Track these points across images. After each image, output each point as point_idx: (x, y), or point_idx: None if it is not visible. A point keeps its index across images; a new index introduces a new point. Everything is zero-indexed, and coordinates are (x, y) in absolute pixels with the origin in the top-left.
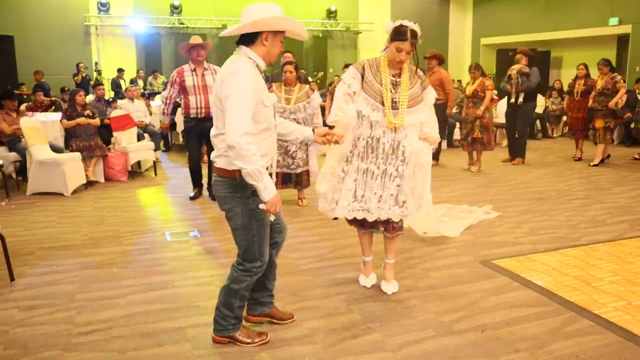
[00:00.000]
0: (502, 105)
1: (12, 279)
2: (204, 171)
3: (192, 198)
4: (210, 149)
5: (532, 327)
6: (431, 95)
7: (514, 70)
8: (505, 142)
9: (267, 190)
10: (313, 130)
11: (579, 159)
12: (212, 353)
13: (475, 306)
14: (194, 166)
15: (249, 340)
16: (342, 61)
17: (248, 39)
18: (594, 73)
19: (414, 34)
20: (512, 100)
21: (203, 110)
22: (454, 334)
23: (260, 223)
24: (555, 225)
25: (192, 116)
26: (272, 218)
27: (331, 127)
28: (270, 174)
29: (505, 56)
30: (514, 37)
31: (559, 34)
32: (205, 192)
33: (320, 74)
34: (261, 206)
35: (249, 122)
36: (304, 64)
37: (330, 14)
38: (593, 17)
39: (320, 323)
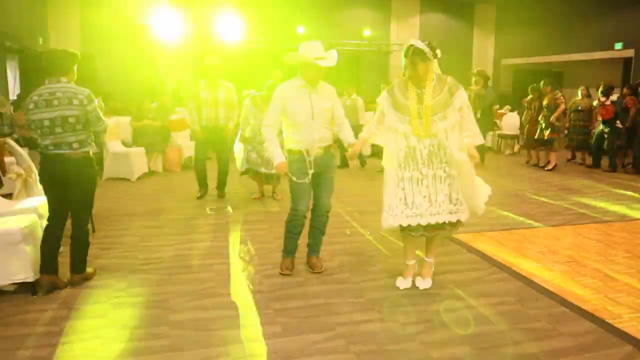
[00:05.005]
0: (507, 118)
1: (93, 230)
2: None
3: (198, 198)
4: (220, 155)
5: (462, 275)
6: (459, 98)
7: (471, 91)
8: (508, 151)
9: (274, 159)
10: (349, 144)
11: (535, 165)
12: (226, 278)
13: None
14: (200, 168)
15: (281, 267)
16: (374, 79)
17: (297, 65)
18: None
19: (415, 51)
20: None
21: (212, 121)
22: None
23: (292, 182)
24: (517, 213)
25: (203, 125)
26: (293, 179)
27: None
28: (303, 152)
29: (522, 77)
30: (531, 59)
31: (571, 56)
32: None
33: (355, 87)
34: (273, 170)
35: (270, 118)
36: (339, 81)
37: (364, 37)
38: (601, 42)
39: (306, 267)
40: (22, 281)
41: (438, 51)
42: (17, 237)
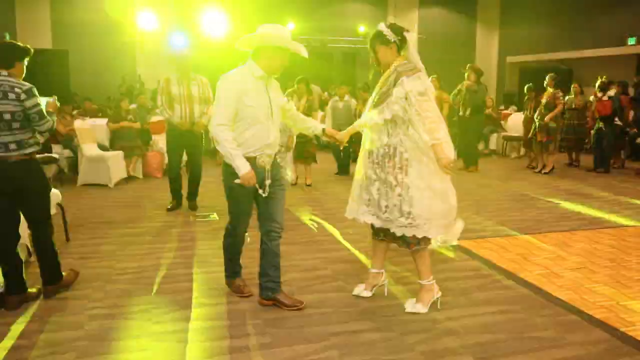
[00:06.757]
0: (512, 119)
1: (67, 239)
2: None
3: (169, 210)
4: (192, 159)
5: (464, 283)
6: (400, 86)
7: (463, 86)
8: (514, 154)
9: (239, 168)
10: (323, 129)
11: (532, 168)
12: (211, 288)
13: None
14: (173, 177)
15: (234, 290)
16: (369, 76)
17: (255, 50)
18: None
19: (375, 34)
20: (461, 113)
21: (187, 119)
22: (401, 284)
23: (236, 196)
24: (523, 219)
25: (176, 124)
26: (262, 194)
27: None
28: (257, 159)
29: (528, 74)
30: (538, 56)
31: (581, 53)
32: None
33: (349, 87)
34: (236, 181)
35: (223, 116)
36: (332, 81)
37: (359, 34)
38: (612, 37)
39: (299, 275)
40: None
41: (407, 33)
42: None
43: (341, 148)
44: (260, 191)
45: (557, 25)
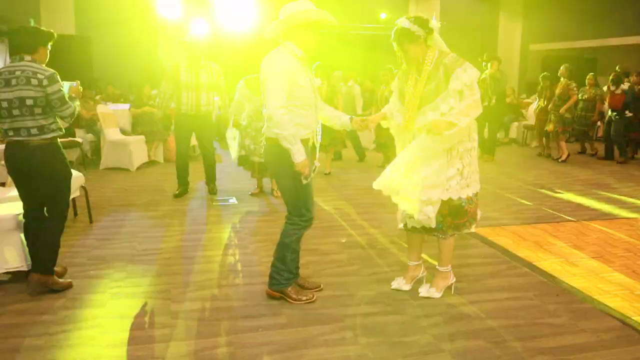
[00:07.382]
0: (533, 108)
1: (90, 221)
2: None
3: (176, 196)
4: (203, 146)
5: (480, 269)
6: (457, 80)
7: (487, 75)
8: (534, 143)
9: (298, 153)
10: (351, 118)
11: (548, 156)
12: (229, 269)
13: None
14: (180, 162)
15: (295, 297)
16: (391, 63)
17: (286, 33)
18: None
19: (401, 32)
20: (486, 103)
21: (194, 107)
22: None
23: (300, 183)
24: (541, 207)
25: (183, 112)
26: (304, 181)
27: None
28: (313, 144)
29: (551, 63)
30: (561, 44)
31: (606, 41)
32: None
33: (370, 73)
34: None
35: (280, 98)
36: (354, 67)
37: (380, 21)
38: (637, 26)
39: (316, 258)
40: (16, 270)
41: (433, 24)
42: (10, 225)
43: (371, 129)
44: (307, 180)
45: (581, 13)
